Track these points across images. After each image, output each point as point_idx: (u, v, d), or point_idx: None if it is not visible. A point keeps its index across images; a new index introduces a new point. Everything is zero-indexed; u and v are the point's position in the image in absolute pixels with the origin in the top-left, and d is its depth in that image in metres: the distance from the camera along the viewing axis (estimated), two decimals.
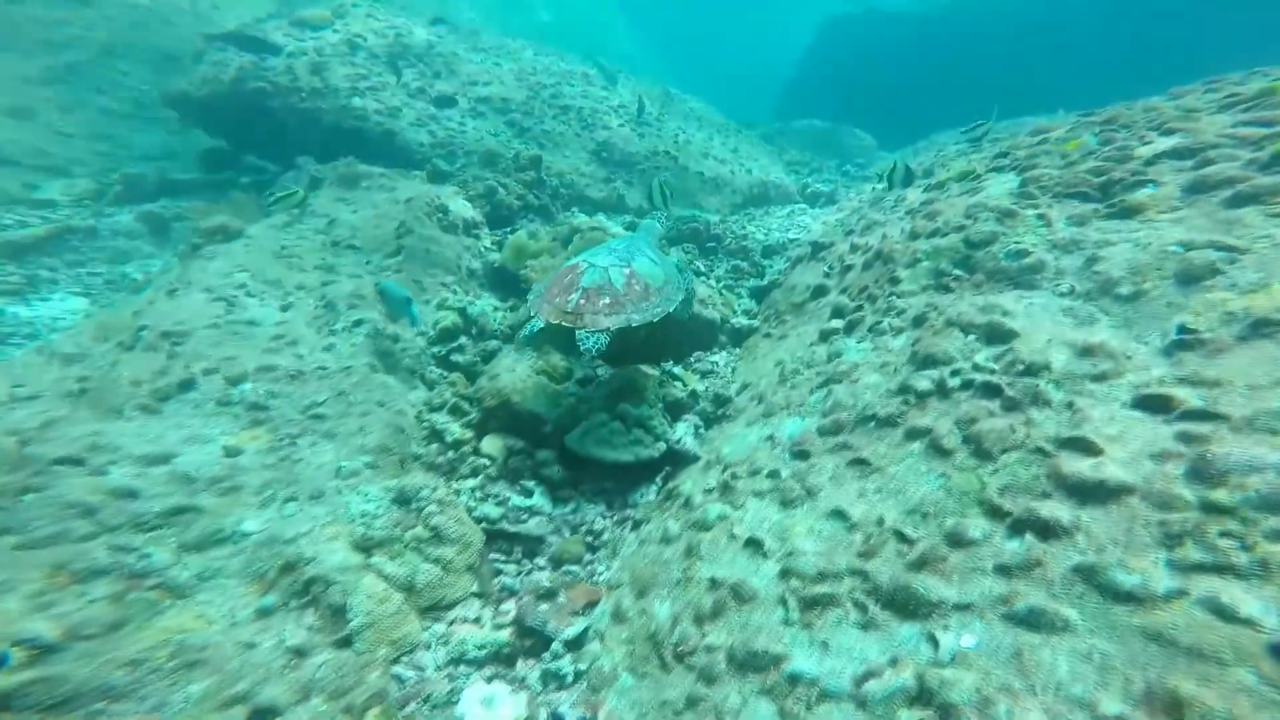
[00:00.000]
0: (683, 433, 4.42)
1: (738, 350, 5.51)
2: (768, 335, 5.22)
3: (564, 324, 3.36)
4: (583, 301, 3.37)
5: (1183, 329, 2.38)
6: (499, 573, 3.25)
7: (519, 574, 3.30)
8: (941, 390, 2.89)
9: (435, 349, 4.93)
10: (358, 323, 4.50)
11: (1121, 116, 4.11)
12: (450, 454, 4.02)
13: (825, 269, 5.14)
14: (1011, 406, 2.51)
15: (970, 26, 16.98)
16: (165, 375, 3.50)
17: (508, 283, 6.25)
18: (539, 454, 4.21)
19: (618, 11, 27.48)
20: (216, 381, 3.52)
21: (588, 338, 3.35)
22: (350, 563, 2.62)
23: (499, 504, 3.66)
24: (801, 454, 3.24)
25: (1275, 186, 2.81)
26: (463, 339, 5.10)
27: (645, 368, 5.09)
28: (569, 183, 9.22)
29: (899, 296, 3.89)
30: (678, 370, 5.15)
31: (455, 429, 4.16)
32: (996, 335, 2.98)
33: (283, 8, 11.34)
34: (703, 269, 6.83)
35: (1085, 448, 2.13)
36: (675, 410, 4.66)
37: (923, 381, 3.00)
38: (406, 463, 3.67)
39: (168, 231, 7.42)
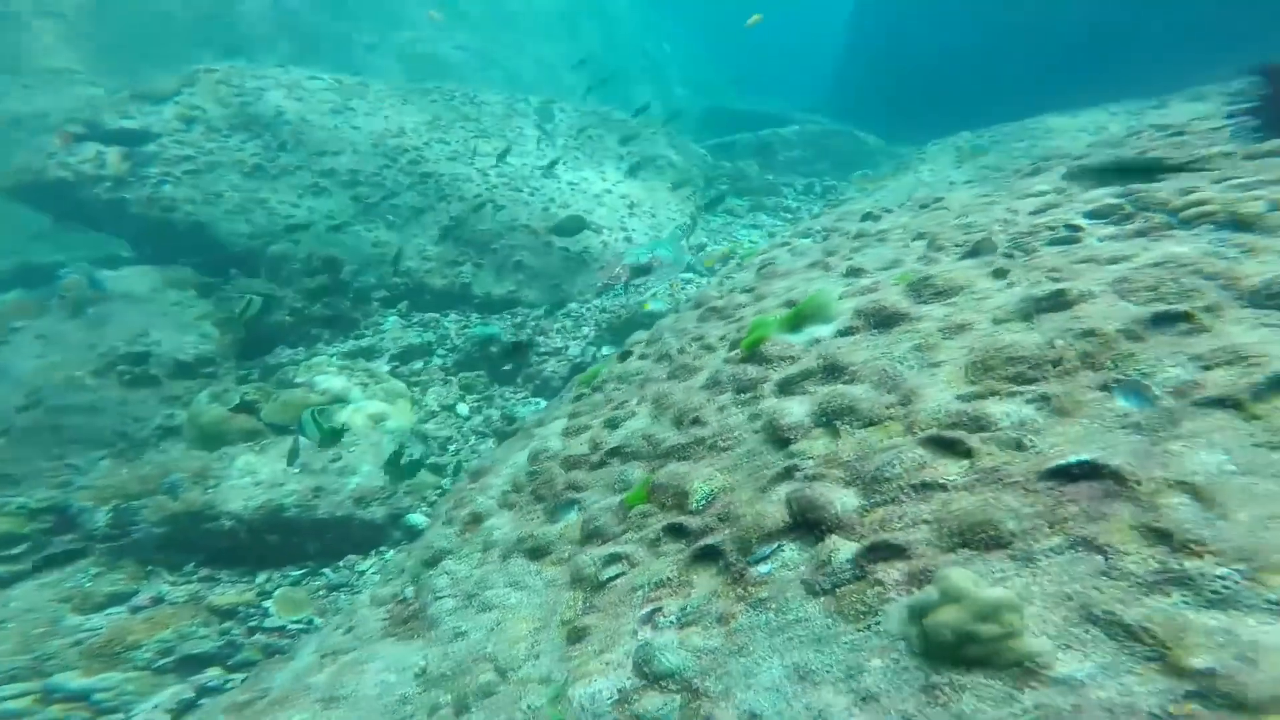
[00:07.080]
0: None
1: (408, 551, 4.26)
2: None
3: (610, 282, 6.96)
4: (620, 271, 6.99)
5: None
6: None
7: None
8: None
9: None
10: None
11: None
12: None
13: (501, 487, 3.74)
14: None
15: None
16: None
17: (212, 439, 5.25)
18: None
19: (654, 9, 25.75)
20: None
21: (622, 290, 7.38)
22: None
23: None
24: None
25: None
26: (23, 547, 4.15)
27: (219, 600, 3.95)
28: (405, 270, 8.14)
29: (433, 598, 2.56)
30: (269, 602, 3.98)
31: None
32: None
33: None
34: (461, 414, 5.55)
35: None
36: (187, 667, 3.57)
37: None
38: None
39: None
